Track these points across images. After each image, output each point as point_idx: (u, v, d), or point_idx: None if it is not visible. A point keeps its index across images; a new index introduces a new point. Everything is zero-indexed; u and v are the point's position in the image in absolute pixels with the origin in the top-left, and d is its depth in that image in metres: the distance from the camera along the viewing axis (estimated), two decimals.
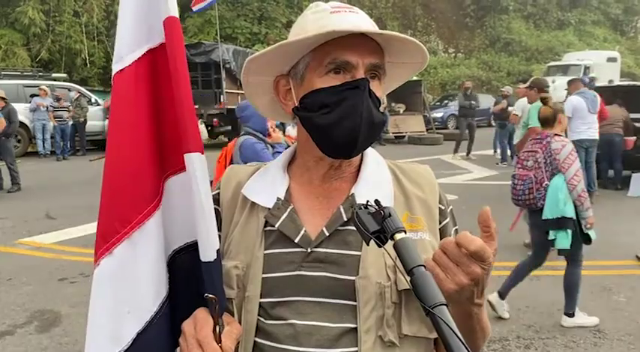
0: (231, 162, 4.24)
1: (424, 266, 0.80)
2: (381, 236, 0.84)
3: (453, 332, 0.73)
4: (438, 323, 0.74)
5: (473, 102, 13.73)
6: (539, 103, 5.62)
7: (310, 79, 1.04)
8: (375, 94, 1.03)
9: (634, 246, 6.10)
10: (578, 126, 8.39)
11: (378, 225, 0.84)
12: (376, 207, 0.86)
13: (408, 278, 0.80)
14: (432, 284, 0.78)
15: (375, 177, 1.11)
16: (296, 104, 1.07)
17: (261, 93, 1.16)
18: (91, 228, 7.13)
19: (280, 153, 4.02)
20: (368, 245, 0.86)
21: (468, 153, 13.72)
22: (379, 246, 0.84)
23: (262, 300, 1.04)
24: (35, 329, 4.33)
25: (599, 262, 5.76)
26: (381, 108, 1.06)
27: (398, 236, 0.82)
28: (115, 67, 1.02)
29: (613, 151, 9.34)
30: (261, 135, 4.35)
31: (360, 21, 1.05)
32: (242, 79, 1.13)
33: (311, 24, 1.04)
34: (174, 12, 0.99)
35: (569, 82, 9.22)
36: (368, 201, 0.88)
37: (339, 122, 1.00)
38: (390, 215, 0.84)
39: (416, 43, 1.04)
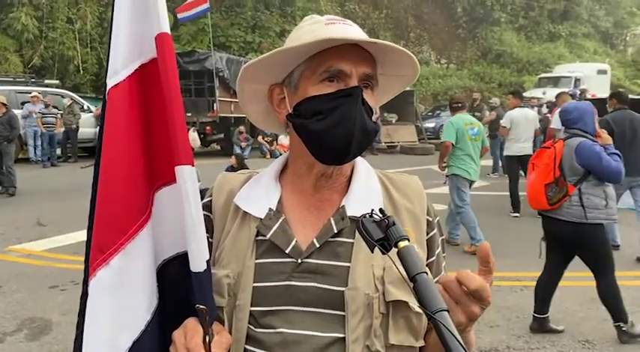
0: (561, 166, 4.01)
1: (426, 273, 0.82)
2: (385, 243, 0.87)
3: (454, 336, 0.76)
4: (439, 328, 0.77)
5: (477, 113, 13.74)
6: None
7: (305, 86, 1.06)
8: (368, 103, 1.05)
9: (622, 257, 6.15)
10: None
11: (382, 233, 0.87)
12: (380, 216, 0.89)
13: (411, 285, 0.82)
14: (433, 290, 0.81)
15: (365, 189, 1.13)
16: (289, 111, 1.10)
17: (255, 101, 1.18)
18: (82, 235, 7.03)
19: (615, 154, 3.97)
20: (372, 252, 0.89)
21: None
22: (383, 253, 0.87)
23: (252, 309, 1.05)
24: (25, 336, 4.30)
25: (587, 273, 5.80)
26: (374, 118, 1.08)
27: (402, 244, 0.85)
28: (110, 82, 1.04)
29: None
30: (591, 137, 4.04)
31: (354, 32, 1.07)
32: (237, 86, 1.16)
33: (306, 34, 1.06)
34: (166, 28, 1.01)
35: (557, 96, 9.29)
36: (373, 210, 0.91)
37: (332, 128, 1.03)
38: (393, 223, 0.87)
39: (407, 54, 1.07)
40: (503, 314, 4.64)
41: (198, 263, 1.01)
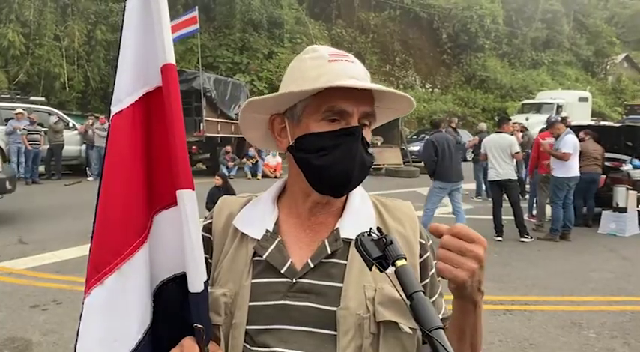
0: None
1: (423, 292, 0.86)
2: (383, 262, 0.90)
3: None
4: (435, 346, 0.81)
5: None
6: None
7: (307, 122, 1.11)
8: (366, 139, 1.11)
9: (603, 282, 6.23)
10: (574, 164, 8.54)
11: (380, 252, 0.90)
12: (378, 235, 0.93)
13: (408, 303, 0.86)
14: (430, 308, 0.85)
15: (360, 213, 1.18)
16: (291, 142, 1.14)
17: (255, 127, 1.23)
18: (65, 254, 7.03)
19: None
20: (370, 270, 0.92)
21: None
22: (381, 271, 0.91)
23: (248, 327, 1.09)
24: None
25: (569, 298, 5.87)
26: (370, 150, 1.14)
27: (399, 262, 0.88)
28: (114, 109, 1.09)
29: (591, 189, 9.51)
30: None
31: (356, 71, 1.11)
32: (239, 115, 1.21)
33: (310, 71, 1.11)
34: (171, 59, 1.07)
35: (550, 125, 9.23)
36: (371, 229, 0.95)
37: (334, 164, 1.08)
38: (391, 242, 0.90)
39: (408, 98, 1.14)
40: (485, 337, 4.66)
41: (195, 283, 1.05)
